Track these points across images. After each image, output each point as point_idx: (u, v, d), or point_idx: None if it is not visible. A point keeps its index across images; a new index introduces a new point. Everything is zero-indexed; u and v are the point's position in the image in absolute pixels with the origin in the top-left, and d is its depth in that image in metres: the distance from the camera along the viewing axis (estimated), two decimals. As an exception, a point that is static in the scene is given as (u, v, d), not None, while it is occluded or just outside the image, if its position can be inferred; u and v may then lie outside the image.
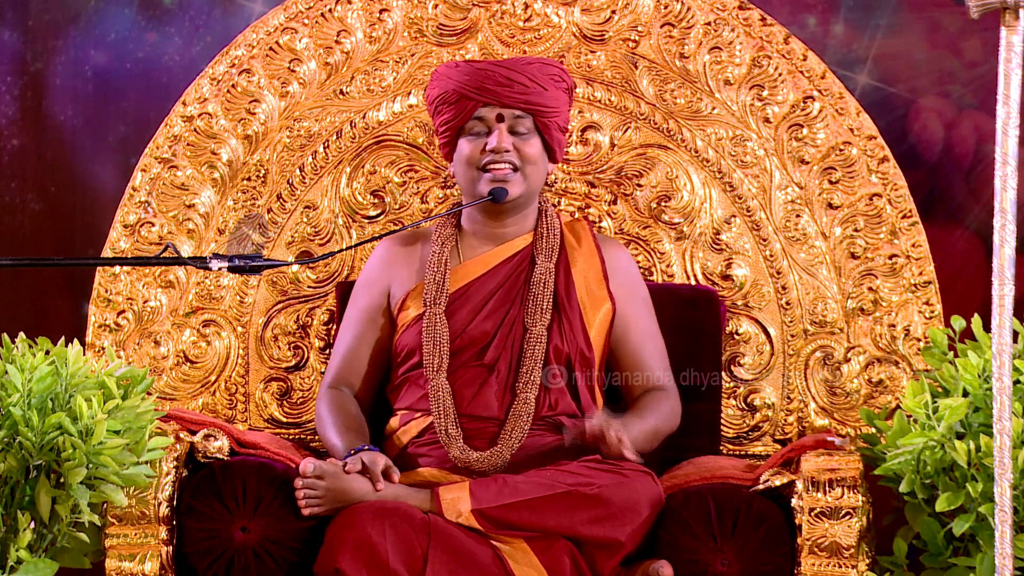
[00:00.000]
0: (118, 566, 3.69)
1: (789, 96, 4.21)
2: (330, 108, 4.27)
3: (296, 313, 4.26)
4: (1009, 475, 3.21)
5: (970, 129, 4.67)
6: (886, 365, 4.17)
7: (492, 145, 3.91)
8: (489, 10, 4.26)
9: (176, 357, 4.24)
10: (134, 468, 3.55)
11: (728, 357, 4.20)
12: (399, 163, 4.28)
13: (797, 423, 4.19)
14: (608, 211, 4.25)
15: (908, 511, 3.69)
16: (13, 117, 4.85)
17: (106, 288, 4.23)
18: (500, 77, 3.92)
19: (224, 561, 3.69)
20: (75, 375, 3.56)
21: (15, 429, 3.48)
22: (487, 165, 3.92)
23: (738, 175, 4.21)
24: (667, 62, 4.24)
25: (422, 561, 3.59)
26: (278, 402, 4.26)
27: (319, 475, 3.71)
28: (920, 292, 4.17)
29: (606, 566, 3.69)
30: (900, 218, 4.18)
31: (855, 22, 4.68)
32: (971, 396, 3.61)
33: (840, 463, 3.68)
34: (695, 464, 3.99)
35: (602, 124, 4.25)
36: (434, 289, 3.95)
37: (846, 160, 4.19)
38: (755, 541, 3.66)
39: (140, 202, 4.25)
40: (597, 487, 3.70)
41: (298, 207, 4.27)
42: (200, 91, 4.26)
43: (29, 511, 3.52)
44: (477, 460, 3.83)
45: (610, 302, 3.98)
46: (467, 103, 3.92)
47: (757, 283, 4.22)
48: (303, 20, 4.27)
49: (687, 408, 4.04)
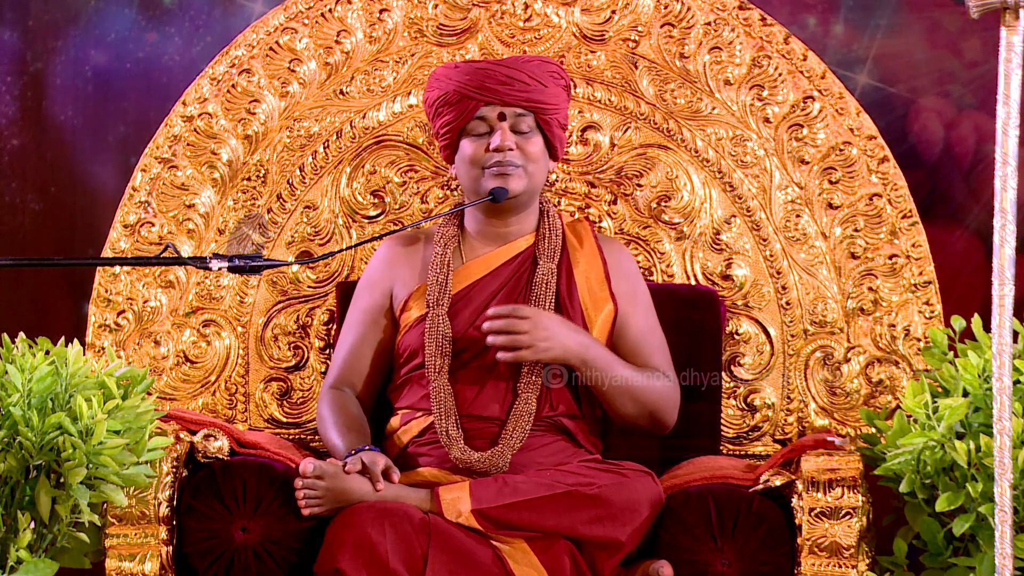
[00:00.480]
0: (118, 566, 3.69)
1: (789, 96, 4.21)
2: (330, 108, 4.27)
3: (296, 313, 4.26)
4: (1009, 475, 3.22)
5: (970, 129, 4.67)
6: (886, 365, 4.17)
7: (496, 144, 3.91)
8: (489, 10, 4.26)
9: (176, 357, 4.24)
10: (134, 468, 3.55)
11: (728, 357, 4.20)
12: (399, 163, 4.28)
13: (797, 423, 4.19)
14: (608, 211, 4.25)
15: (908, 511, 3.69)
16: (13, 117, 4.85)
17: (106, 288, 4.23)
18: (501, 76, 3.92)
19: (224, 561, 3.69)
20: (75, 375, 3.56)
21: (15, 429, 3.48)
22: (491, 164, 3.92)
23: (738, 175, 4.21)
24: (667, 62, 4.24)
25: (422, 561, 3.59)
26: (278, 402, 4.25)
27: (319, 475, 3.71)
28: (920, 292, 4.17)
29: (606, 566, 3.69)
30: (900, 218, 4.18)
31: (855, 22, 4.68)
32: (971, 396, 3.61)
33: (840, 463, 3.68)
34: (695, 464, 3.99)
35: (602, 124, 4.25)
36: (437, 290, 3.95)
37: (846, 160, 4.19)
38: (755, 541, 3.66)
39: (140, 202, 4.25)
40: (597, 487, 3.70)
41: (298, 207, 4.27)
42: (200, 91, 4.26)
43: (29, 511, 3.52)
44: (478, 460, 3.83)
45: (612, 303, 3.97)
46: (468, 103, 3.92)
47: (757, 283, 4.22)
48: (303, 20, 4.27)
49: (687, 408, 4.04)
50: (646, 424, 3.93)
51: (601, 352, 3.87)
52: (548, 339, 3.82)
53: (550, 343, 3.82)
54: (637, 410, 3.90)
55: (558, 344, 3.83)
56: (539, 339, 3.81)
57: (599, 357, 3.86)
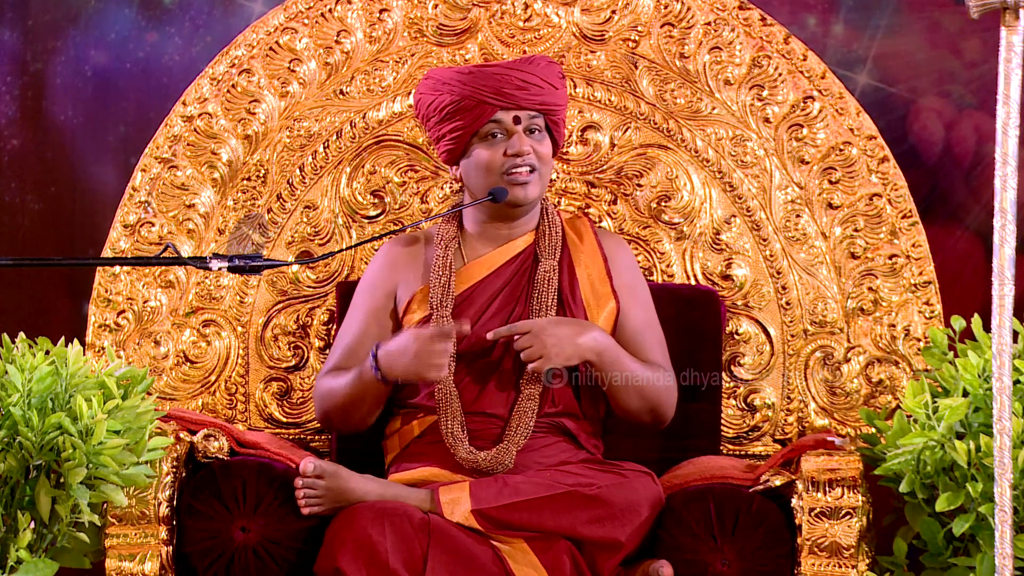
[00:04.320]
0: (118, 566, 3.69)
1: (789, 96, 4.21)
2: (330, 108, 4.27)
3: (296, 313, 4.26)
4: (1009, 475, 3.22)
5: (970, 129, 4.67)
6: (886, 365, 4.17)
7: (515, 148, 3.89)
8: (489, 10, 4.26)
9: (176, 357, 4.24)
10: (134, 468, 3.55)
11: (728, 357, 4.20)
12: (399, 163, 4.28)
13: (797, 423, 4.19)
14: (608, 211, 4.25)
15: (908, 511, 3.69)
16: (13, 117, 4.85)
17: (106, 288, 4.23)
18: (517, 80, 3.91)
19: (224, 561, 3.69)
20: (75, 375, 3.56)
21: (15, 429, 3.48)
22: (509, 169, 3.90)
23: (738, 175, 4.21)
24: (667, 62, 4.24)
25: (422, 561, 3.59)
26: (278, 402, 4.25)
27: (319, 475, 3.71)
28: (920, 292, 4.17)
29: (606, 566, 3.69)
30: (900, 218, 4.18)
31: (855, 22, 4.68)
32: (971, 396, 3.61)
33: (840, 463, 3.68)
34: (695, 464, 3.99)
35: (602, 124, 4.25)
36: (440, 293, 3.95)
37: (846, 160, 4.19)
38: (755, 541, 3.66)
39: (140, 202, 4.25)
40: (597, 487, 3.70)
41: (298, 207, 4.27)
42: (200, 91, 4.26)
43: (29, 511, 3.52)
44: (484, 459, 3.82)
45: (614, 301, 3.97)
46: (485, 108, 3.90)
47: (757, 283, 4.22)
48: (303, 20, 4.27)
49: (687, 408, 4.04)
50: (648, 419, 3.93)
51: (610, 343, 3.87)
52: (558, 344, 3.81)
53: (561, 347, 3.81)
54: (641, 405, 3.91)
55: (570, 345, 3.82)
56: (549, 347, 3.81)
57: (609, 348, 3.86)
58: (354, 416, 3.90)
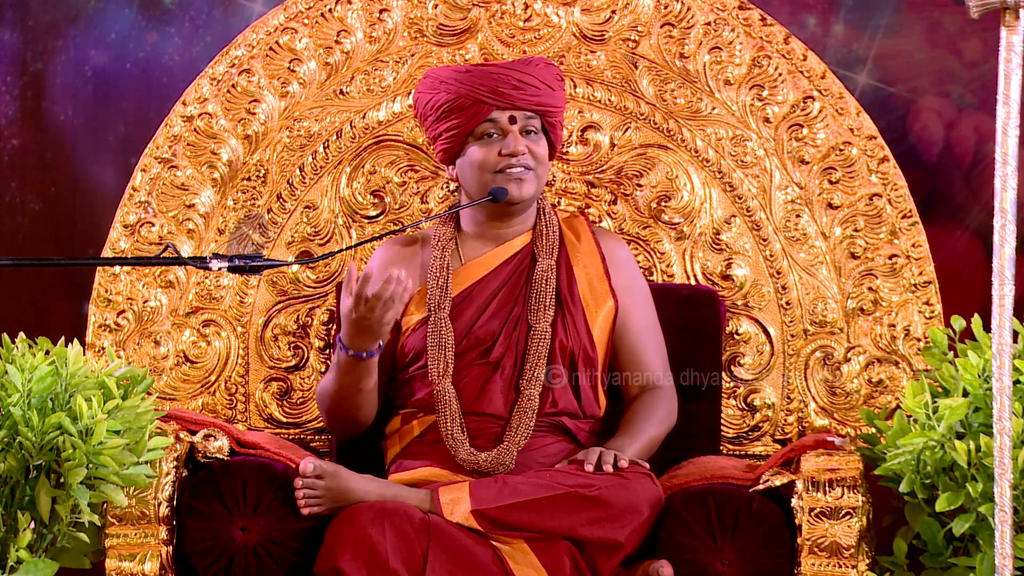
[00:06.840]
0: (118, 566, 3.69)
1: (789, 96, 4.21)
2: (330, 108, 4.27)
3: (296, 313, 4.27)
4: (1009, 475, 3.22)
5: (970, 129, 4.67)
6: (886, 365, 4.17)
7: (510, 148, 3.90)
8: (489, 10, 4.27)
9: (176, 357, 4.24)
10: (134, 468, 3.55)
11: (728, 357, 4.21)
12: (399, 163, 4.28)
13: (797, 423, 4.19)
14: (608, 211, 4.25)
15: (908, 511, 3.69)
16: (13, 117, 4.85)
17: (106, 288, 4.23)
18: (513, 80, 3.92)
19: (224, 561, 3.69)
20: (75, 375, 3.56)
21: (15, 429, 3.48)
22: (504, 168, 3.91)
23: (738, 175, 4.21)
24: (667, 62, 4.24)
25: (422, 561, 3.59)
26: (278, 402, 4.26)
27: (319, 475, 3.71)
28: (920, 292, 4.17)
29: (606, 567, 3.69)
30: (900, 218, 4.18)
31: (855, 22, 4.68)
32: (971, 396, 3.61)
33: (840, 463, 3.68)
34: (695, 464, 3.99)
35: (602, 124, 4.25)
36: (438, 294, 3.95)
37: (846, 160, 4.19)
38: (755, 541, 3.66)
39: (140, 202, 4.25)
40: (597, 488, 3.70)
41: (298, 207, 4.27)
42: (200, 91, 4.26)
43: (29, 511, 3.52)
44: (485, 460, 3.83)
45: (612, 300, 3.98)
46: (481, 107, 3.91)
47: (757, 283, 4.22)
48: (303, 20, 4.27)
49: (687, 408, 4.04)
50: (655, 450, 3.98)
51: (631, 447, 3.89)
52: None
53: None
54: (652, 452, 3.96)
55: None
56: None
57: (624, 450, 3.87)
58: (351, 408, 3.89)
